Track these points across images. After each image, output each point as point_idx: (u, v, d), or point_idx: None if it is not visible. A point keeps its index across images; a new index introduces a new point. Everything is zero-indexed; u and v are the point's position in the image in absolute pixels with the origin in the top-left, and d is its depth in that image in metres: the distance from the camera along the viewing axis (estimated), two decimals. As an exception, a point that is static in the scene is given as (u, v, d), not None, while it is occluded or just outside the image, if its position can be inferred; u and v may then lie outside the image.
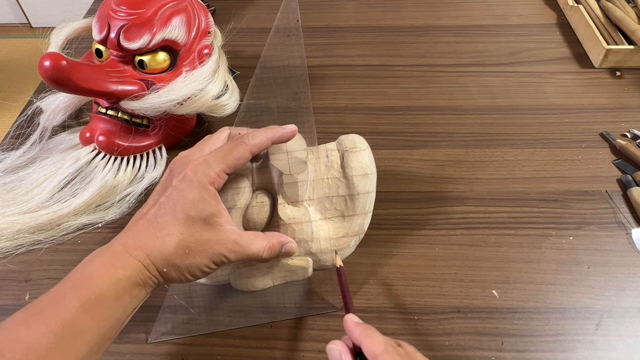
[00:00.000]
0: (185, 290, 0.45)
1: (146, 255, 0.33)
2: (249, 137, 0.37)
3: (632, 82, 0.66)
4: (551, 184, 0.54)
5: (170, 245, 0.34)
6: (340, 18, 0.79)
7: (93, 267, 0.32)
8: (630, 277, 0.46)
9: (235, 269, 0.43)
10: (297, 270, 0.43)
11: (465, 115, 0.62)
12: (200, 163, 0.35)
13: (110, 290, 0.32)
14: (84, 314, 0.30)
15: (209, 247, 0.35)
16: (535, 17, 0.78)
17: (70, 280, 0.32)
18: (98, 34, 0.53)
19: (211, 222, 0.35)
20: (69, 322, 0.30)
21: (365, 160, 0.43)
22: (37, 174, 0.52)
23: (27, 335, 0.29)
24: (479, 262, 0.47)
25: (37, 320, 0.30)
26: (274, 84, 0.42)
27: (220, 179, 0.36)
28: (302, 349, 0.42)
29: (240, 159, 0.36)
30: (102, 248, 0.34)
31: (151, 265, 0.33)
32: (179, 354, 0.42)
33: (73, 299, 0.30)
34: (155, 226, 0.34)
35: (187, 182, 0.35)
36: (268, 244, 0.37)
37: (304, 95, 0.41)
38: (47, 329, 0.29)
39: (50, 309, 0.30)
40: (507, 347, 0.41)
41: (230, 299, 0.45)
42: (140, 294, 0.34)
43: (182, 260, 0.34)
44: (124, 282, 0.32)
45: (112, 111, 0.54)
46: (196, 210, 0.34)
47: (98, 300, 0.31)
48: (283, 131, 0.39)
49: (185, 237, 0.34)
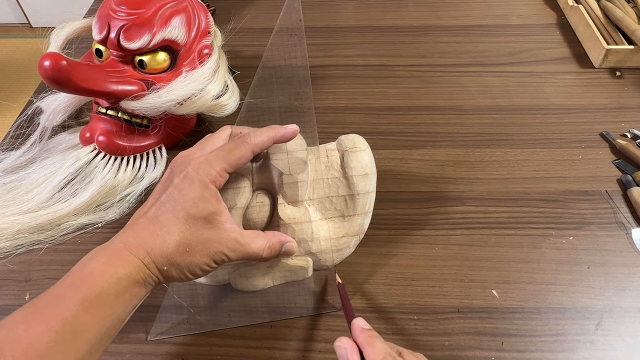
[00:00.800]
0: (186, 289, 0.45)
1: (146, 253, 0.33)
2: (251, 136, 0.37)
3: (632, 82, 0.66)
4: (551, 184, 0.54)
5: (171, 243, 0.34)
6: (340, 18, 0.79)
7: (93, 265, 0.32)
8: (630, 277, 0.46)
9: (236, 269, 0.43)
10: (297, 270, 0.43)
11: (465, 115, 0.62)
12: (201, 162, 0.35)
13: (111, 288, 0.31)
14: (84, 313, 0.30)
15: (209, 245, 0.35)
16: (535, 17, 0.78)
17: (70, 279, 0.32)
18: (98, 34, 0.53)
19: (212, 221, 0.35)
20: (69, 320, 0.30)
21: (365, 160, 0.43)
22: (37, 174, 0.52)
23: (27, 333, 0.29)
24: (479, 262, 0.47)
25: (37, 318, 0.30)
26: (275, 84, 0.42)
27: (222, 177, 0.36)
28: (302, 349, 0.42)
29: (242, 158, 0.36)
30: (102, 246, 0.34)
31: (151, 264, 0.33)
32: (179, 353, 0.42)
33: (73, 297, 0.30)
34: (155, 224, 0.34)
35: (188, 181, 0.35)
36: (268, 243, 0.37)
37: (306, 95, 0.41)
38: (47, 328, 0.29)
39: (50, 308, 0.30)
40: (507, 347, 0.41)
41: (231, 299, 0.45)
42: (141, 292, 0.34)
43: (182, 259, 0.34)
44: (124, 281, 0.32)
45: (112, 111, 0.54)
46: (197, 208, 0.34)
47: (98, 299, 0.31)
48: (285, 131, 0.39)
49: (185, 235, 0.34)
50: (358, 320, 0.34)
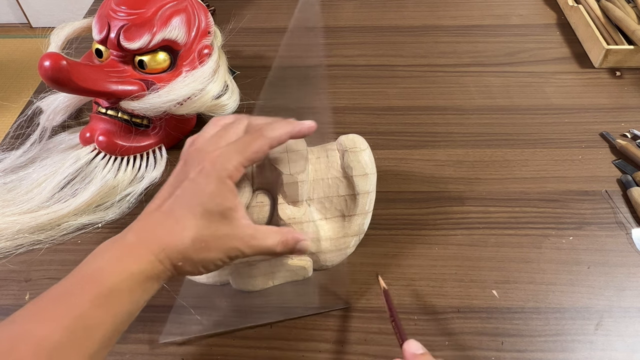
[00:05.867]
0: (198, 291, 0.44)
1: (161, 249, 0.33)
2: (268, 130, 0.36)
3: (632, 82, 0.66)
4: (551, 184, 0.54)
5: (187, 239, 0.33)
6: (340, 18, 0.79)
7: (105, 260, 0.32)
8: (630, 277, 0.46)
9: (236, 269, 0.43)
10: (298, 271, 0.43)
11: (465, 115, 0.62)
12: (218, 156, 0.35)
13: (124, 284, 0.31)
14: (96, 310, 0.30)
15: (225, 241, 0.34)
16: (535, 17, 0.78)
17: (82, 274, 0.31)
18: (98, 34, 0.53)
19: (228, 217, 0.34)
20: (81, 317, 0.29)
21: (365, 160, 0.43)
22: (37, 174, 0.52)
23: (39, 330, 0.28)
24: (479, 262, 0.47)
25: (48, 315, 0.29)
26: (291, 84, 0.41)
27: (238, 172, 0.35)
28: (302, 349, 0.42)
29: (259, 153, 0.36)
30: (113, 239, 0.33)
31: (166, 259, 0.33)
32: (179, 354, 0.42)
33: (85, 293, 0.30)
34: (170, 219, 0.34)
35: (204, 176, 0.34)
36: (283, 239, 0.36)
37: (322, 94, 0.41)
38: (59, 324, 0.29)
39: (62, 304, 0.30)
40: (507, 347, 0.41)
41: (242, 298, 0.45)
42: (153, 287, 0.33)
43: (197, 255, 0.33)
44: (137, 276, 0.32)
45: (112, 111, 0.54)
46: (214, 204, 0.34)
47: (111, 295, 0.31)
48: (302, 126, 0.38)
49: (201, 231, 0.33)
50: (411, 345, 0.32)
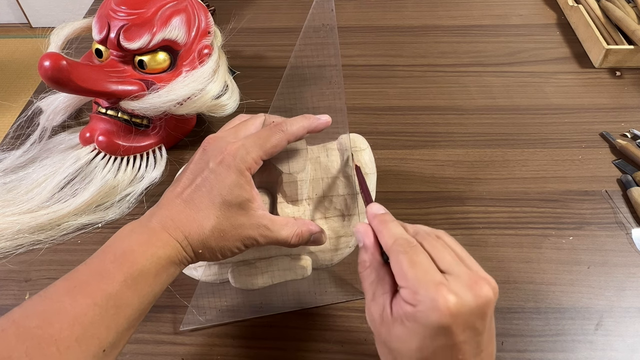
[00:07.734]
0: (215, 279, 0.45)
1: (184, 236, 0.34)
2: (287, 124, 0.38)
3: (632, 82, 0.66)
4: (551, 184, 0.54)
5: (207, 228, 0.35)
6: (340, 18, 0.79)
7: (133, 243, 0.33)
8: (630, 277, 0.46)
9: (235, 267, 0.43)
10: (297, 269, 0.43)
11: (465, 115, 0.62)
12: (238, 148, 0.36)
13: (151, 267, 0.33)
14: (127, 289, 0.31)
15: (242, 231, 0.36)
16: (535, 17, 0.78)
17: (112, 255, 0.33)
18: (98, 34, 0.53)
19: (245, 207, 0.36)
20: (113, 296, 0.31)
21: (365, 159, 0.43)
22: (37, 174, 0.52)
23: (73, 307, 0.29)
24: (479, 262, 0.47)
25: (82, 292, 0.30)
26: (306, 85, 0.41)
27: (257, 165, 0.36)
28: (302, 349, 0.42)
29: (277, 147, 0.37)
30: (137, 223, 0.35)
31: (188, 247, 0.35)
32: (179, 353, 0.42)
33: (117, 274, 0.31)
34: (192, 207, 0.35)
35: (225, 167, 0.35)
36: (297, 231, 0.38)
37: (339, 95, 0.41)
38: (92, 302, 0.30)
39: (95, 282, 0.31)
40: (507, 347, 0.41)
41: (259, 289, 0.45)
42: (176, 271, 0.35)
43: (216, 243, 0.35)
44: (163, 261, 0.33)
45: (112, 111, 0.54)
46: (232, 195, 0.35)
47: (140, 277, 0.32)
48: (318, 121, 0.39)
49: (220, 221, 0.35)
50: (372, 206, 0.34)
